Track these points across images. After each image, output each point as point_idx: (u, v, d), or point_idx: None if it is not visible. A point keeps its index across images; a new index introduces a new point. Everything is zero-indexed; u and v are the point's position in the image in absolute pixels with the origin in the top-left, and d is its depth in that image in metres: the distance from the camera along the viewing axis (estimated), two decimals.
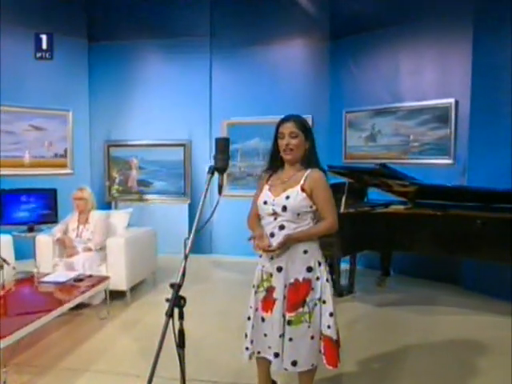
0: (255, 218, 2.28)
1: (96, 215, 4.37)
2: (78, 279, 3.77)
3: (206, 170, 1.84)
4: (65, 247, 4.22)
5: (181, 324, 1.54)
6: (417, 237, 3.86)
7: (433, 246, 3.81)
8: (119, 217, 4.71)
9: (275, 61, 6.26)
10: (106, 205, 6.09)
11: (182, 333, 1.52)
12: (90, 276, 3.89)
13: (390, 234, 3.91)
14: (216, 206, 1.75)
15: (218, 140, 1.79)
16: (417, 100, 5.21)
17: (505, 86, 4.44)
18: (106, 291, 3.88)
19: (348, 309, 4.10)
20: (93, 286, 3.70)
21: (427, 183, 4.41)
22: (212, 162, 6.39)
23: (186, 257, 1.61)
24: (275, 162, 2.28)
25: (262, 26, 6.12)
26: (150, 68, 6.42)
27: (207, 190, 1.77)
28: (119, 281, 4.12)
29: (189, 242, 1.64)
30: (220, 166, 1.77)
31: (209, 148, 6.43)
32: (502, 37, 4.43)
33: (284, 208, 2.10)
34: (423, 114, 5.16)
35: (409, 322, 3.89)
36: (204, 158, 6.43)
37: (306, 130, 2.20)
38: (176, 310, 1.59)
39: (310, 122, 6.09)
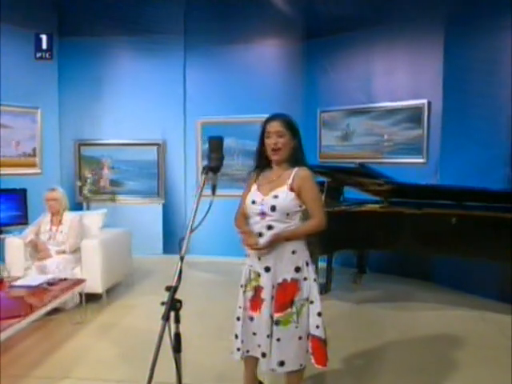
0: (242, 217, 2.26)
1: (69, 216, 4.23)
2: (52, 283, 3.63)
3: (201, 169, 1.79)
4: (37, 250, 4.07)
5: (177, 327, 1.49)
6: (395, 235, 3.92)
7: (411, 243, 3.89)
8: (93, 218, 4.58)
9: (250, 60, 6.24)
10: (77, 205, 5.91)
11: (178, 336, 1.48)
12: (65, 279, 3.76)
13: (369, 233, 3.97)
14: (210, 206, 1.71)
15: (211, 139, 1.76)
16: (390, 100, 5.31)
17: (475, 87, 4.59)
18: (81, 294, 3.77)
19: (327, 307, 4.07)
20: (68, 289, 3.57)
21: (401, 182, 4.48)
22: (185, 162, 6.24)
23: (181, 258, 1.56)
24: (262, 161, 2.26)
25: (236, 24, 6.09)
26: (123, 65, 6.28)
27: (202, 190, 1.72)
28: (94, 283, 4.01)
29: (184, 243, 1.58)
30: (214, 166, 1.74)
31: (183, 147, 6.36)
32: (472, 40, 4.58)
33: (273, 208, 2.08)
34: (397, 115, 5.27)
35: (387, 319, 3.96)
36: (178, 157, 6.37)
37: (292, 128, 2.19)
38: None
39: None
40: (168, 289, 1.49)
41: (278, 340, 2.09)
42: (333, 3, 5.71)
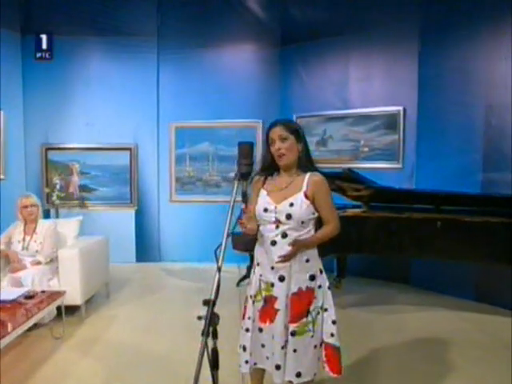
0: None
1: (45, 224, 4.00)
2: (29, 296, 3.40)
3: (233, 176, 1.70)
4: (9, 261, 3.81)
5: (214, 343, 1.41)
6: (382, 239, 3.98)
7: (397, 247, 3.95)
8: (68, 226, 4.35)
9: (225, 64, 6.18)
10: (44, 213, 5.58)
11: (215, 352, 1.39)
12: (43, 292, 3.53)
13: (357, 238, 3.99)
14: (241, 213, 1.64)
15: (241, 144, 1.68)
16: (367, 107, 5.40)
17: (449, 94, 4.76)
18: (61, 307, 3.55)
19: None
20: (47, 302, 3.35)
21: (381, 186, 4.54)
22: (158, 167, 6.03)
23: (219, 269, 1.48)
24: (269, 169, 2.17)
25: (211, 28, 6.02)
26: (93, 66, 6.02)
27: (235, 196, 1.64)
28: (73, 295, 3.78)
29: (220, 252, 1.49)
30: (245, 172, 1.66)
31: (156, 152, 6.20)
32: (446, 48, 4.74)
33: (288, 216, 2.02)
34: (373, 121, 5.37)
35: (374, 322, 4.00)
36: (151, 162, 6.19)
37: (295, 131, 2.12)
38: None
39: (260, 127, 6.15)
40: (205, 303, 1.40)
41: (295, 351, 2.03)
42: (309, 9, 5.78)
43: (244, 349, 2.17)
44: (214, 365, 1.42)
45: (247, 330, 2.17)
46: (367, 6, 5.32)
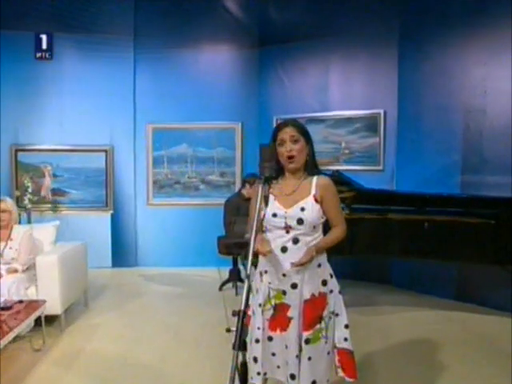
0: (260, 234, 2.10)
1: (21, 230, 3.78)
2: (6, 307, 3.20)
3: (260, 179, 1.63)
4: None
5: (243, 356, 1.33)
6: (369, 241, 4.00)
7: (386, 249, 3.99)
8: (45, 231, 4.12)
9: (203, 65, 6.10)
10: None
11: (244, 366, 1.31)
12: (20, 302, 3.33)
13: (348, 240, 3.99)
14: (263, 218, 1.57)
15: (263, 146, 1.61)
16: (347, 109, 5.44)
17: (428, 98, 4.85)
18: (41, 318, 3.36)
19: None
20: (26, 313, 3.16)
21: (364, 189, 4.57)
22: (135, 169, 5.85)
23: (248, 277, 1.39)
24: (275, 171, 2.11)
25: (189, 28, 5.91)
26: (67, 65, 5.78)
27: (261, 200, 1.57)
28: (52, 304, 3.58)
29: (248, 260, 1.42)
30: (269, 175, 1.59)
31: (133, 154, 6.03)
32: (426, 53, 4.84)
33: (300, 221, 1.95)
34: (353, 123, 5.41)
35: (360, 324, 3.98)
36: (128, 164, 6.01)
37: (305, 134, 2.07)
38: None
39: (239, 129, 6.09)
40: (235, 314, 1.31)
41: (310, 359, 1.96)
42: (289, 11, 5.76)
43: (255, 360, 2.06)
44: (244, 379, 1.34)
45: (257, 340, 2.06)
46: (347, 10, 5.37)
